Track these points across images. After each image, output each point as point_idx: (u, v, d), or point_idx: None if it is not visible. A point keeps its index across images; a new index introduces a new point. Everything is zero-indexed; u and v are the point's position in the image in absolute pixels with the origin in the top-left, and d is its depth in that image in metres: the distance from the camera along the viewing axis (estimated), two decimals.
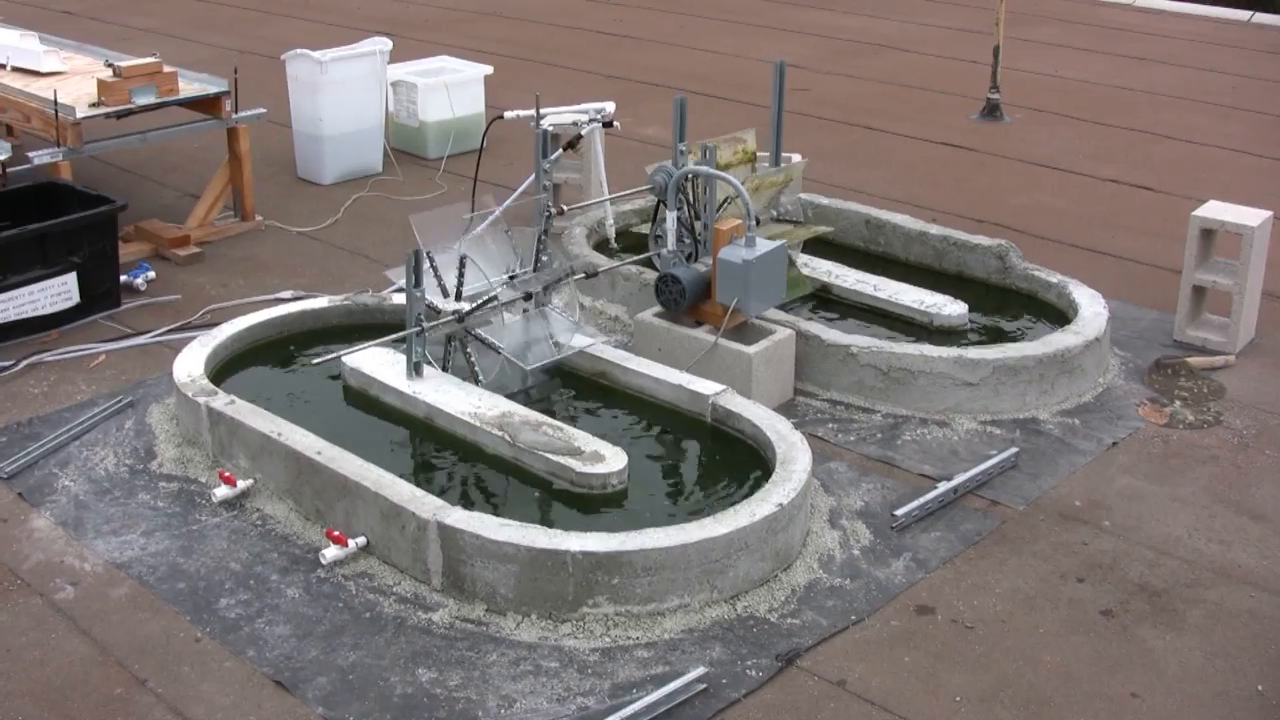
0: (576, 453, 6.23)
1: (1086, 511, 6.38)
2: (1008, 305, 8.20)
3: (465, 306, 6.83)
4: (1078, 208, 10.27)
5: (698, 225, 7.51)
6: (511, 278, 7.02)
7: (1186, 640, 5.52)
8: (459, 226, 7.01)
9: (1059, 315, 7.89)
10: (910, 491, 6.44)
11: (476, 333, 6.89)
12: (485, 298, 6.84)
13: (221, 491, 6.31)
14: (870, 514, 6.30)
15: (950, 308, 7.86)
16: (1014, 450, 6.76)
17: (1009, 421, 7.07)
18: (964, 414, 7.09)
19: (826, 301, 8.16)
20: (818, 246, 8.58)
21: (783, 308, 7.50)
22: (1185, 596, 5.79)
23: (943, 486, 6.43)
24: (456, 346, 6.96)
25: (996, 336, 7.80)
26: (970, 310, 7.91)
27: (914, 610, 5.68)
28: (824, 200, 9.13)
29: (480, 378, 6.86)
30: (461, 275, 6.88)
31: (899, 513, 6.23)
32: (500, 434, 6.37)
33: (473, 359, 6.90)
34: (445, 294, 6.93)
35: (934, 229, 8.71)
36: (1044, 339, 7.36)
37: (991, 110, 12.50)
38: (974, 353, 7.14)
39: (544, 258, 7.12)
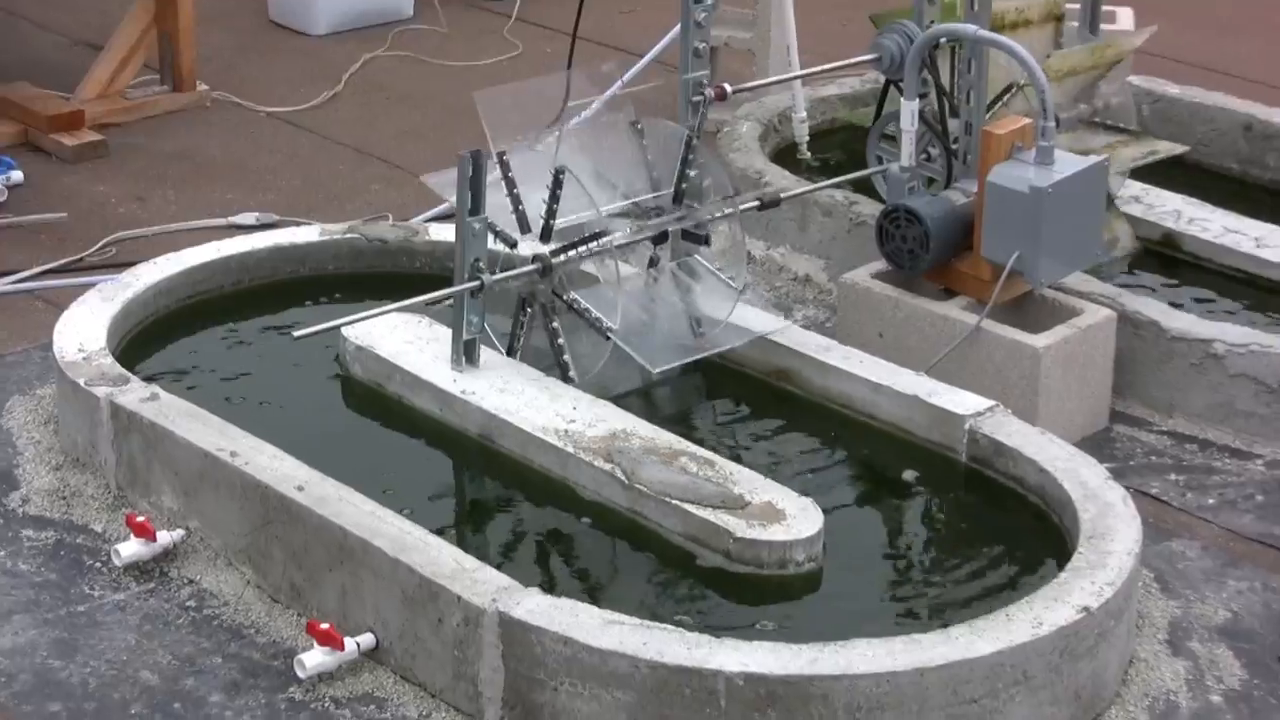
0: (736, 504, 6.07)
1: None
2: None
3: (552, 250, 6.85)
4: None
5: (954, 125, 7.48)
6: (637, 205, 7.09)
7: None
8: (553, 112, 6.97)
9: None
10: None
11: (570, 297, 6.78)
12: (586, 235, 6.81)
13: (130, 548, 6.18)
14: (1241, 634, 6.09)
15: None
16: None
17: None
18: None
19: (1172, 263, 8.13)
20: (1162, 170, 8.46)
21: (1093, 271, 7.46)
22: None
23: None
24: (537, 317, 6.90)
25: None
26: None
27: None
28: (1173, 90, 9.22)
29: (572, 373, 6.86)
30: (555, 200, 6.82)
31: None
32: (609, 467, 6.27)
33: (561, 342, 6.84)
34: (523, 228, 6.87)
35: None
36: None
37: None
38: None
39: (692, 175, 7.02)
